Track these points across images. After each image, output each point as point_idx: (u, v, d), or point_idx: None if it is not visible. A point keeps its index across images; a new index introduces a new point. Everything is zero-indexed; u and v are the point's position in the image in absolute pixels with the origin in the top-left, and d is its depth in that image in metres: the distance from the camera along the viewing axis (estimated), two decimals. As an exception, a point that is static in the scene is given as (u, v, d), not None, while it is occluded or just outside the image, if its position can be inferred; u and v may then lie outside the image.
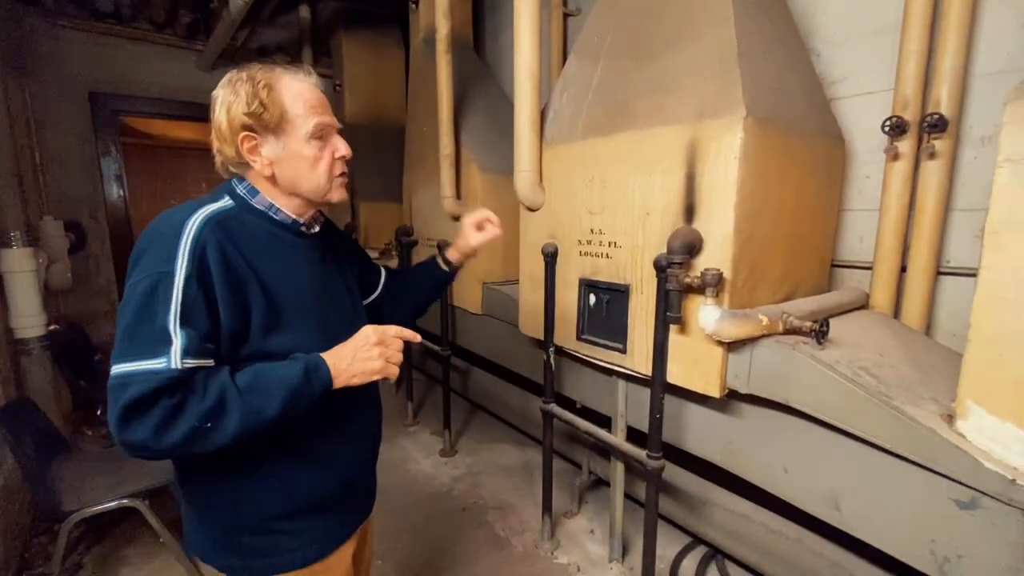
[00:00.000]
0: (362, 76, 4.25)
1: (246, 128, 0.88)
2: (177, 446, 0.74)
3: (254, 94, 0.87)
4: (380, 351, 0.88)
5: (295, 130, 0.90)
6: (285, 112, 0.89)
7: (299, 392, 0.82)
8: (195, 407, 0.75)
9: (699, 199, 1.49)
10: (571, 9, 2.98)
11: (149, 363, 0.74)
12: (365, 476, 1.12)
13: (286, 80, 0.90)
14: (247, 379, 0.80)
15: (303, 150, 0.91)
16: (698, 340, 1.52)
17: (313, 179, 0.93)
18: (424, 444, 3.12)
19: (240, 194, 0.93)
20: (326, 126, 0.93)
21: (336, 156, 0.95)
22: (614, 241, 1.72)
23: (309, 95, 0.92)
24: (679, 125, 1.52)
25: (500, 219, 2.79)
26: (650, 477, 1.65)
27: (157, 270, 0.78)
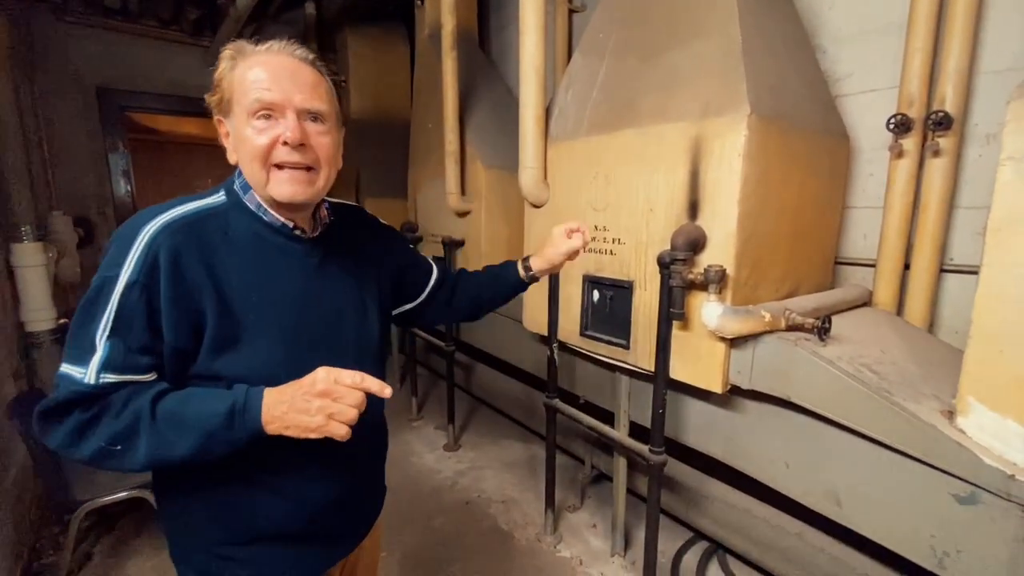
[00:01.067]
0: (367, 72, 4.26)
1: (216, 111, 0.81)
2: (90, 460, 0.71)
3: (217, 73, 0.78)
4: (321, 405, 0.69)
5: (240, 107, 0.77)
6: (232, 89, 0.77)
7: (215, 436, 0.70)
8: (107, 427, 0.70)
9: (703, 196, 1.49)
10: (576, 5, 2.98)
11: (74, 369, 0.70)
12: (352, 505, 0.97)
13: (249, 55, 0.78)
14: (169, 407, 0.71)
15: (241, 130, 0.77)
16: (701, 336, 1.54)
17: (249, 165, 0.79)
18: (428, 439, 3.14)
19: (235, 188, 0.83)
20: (271, 103, 0.75)
21: (280, 140, 0.76)
22: (618, 238, 1.73)
23: (265, 68, 0.76)
24: (683, 122, 1.52)
25: (506, 214, 2.81)
26: (652, 472, 1.67)
27: (104, 273, 0.73)
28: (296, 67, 0.78)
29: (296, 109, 0.77)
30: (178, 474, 0.84)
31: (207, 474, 0.81)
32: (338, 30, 4.29)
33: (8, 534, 1.86)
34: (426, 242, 3.27)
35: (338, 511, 0.93)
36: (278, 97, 0.76)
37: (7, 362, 2.19)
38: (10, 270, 2.42)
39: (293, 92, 0.77)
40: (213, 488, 0.83)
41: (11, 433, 1.95)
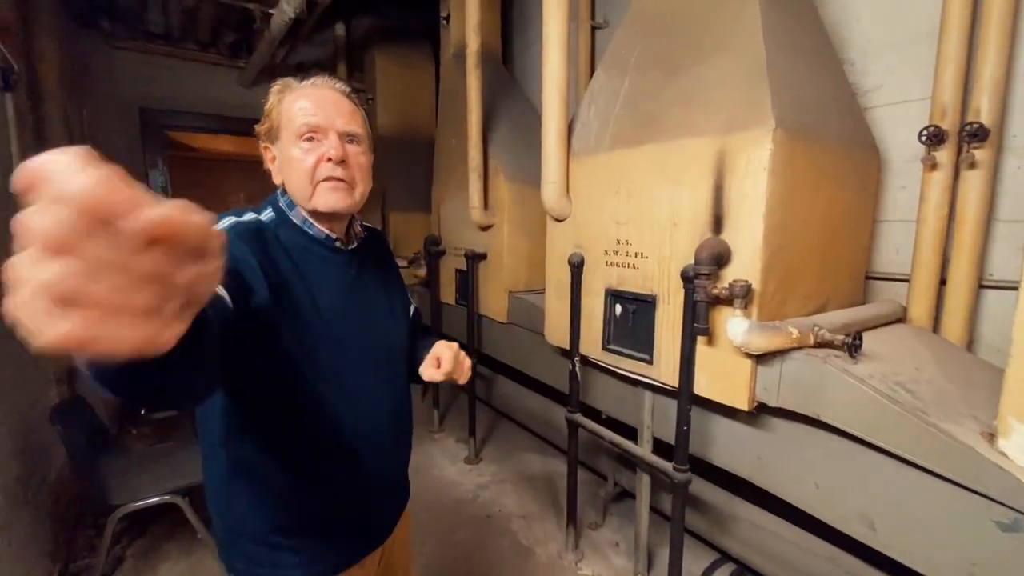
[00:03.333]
0: (393, 90, 4.38)
1: (263, 138, 0.93)
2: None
3: (267, 105, 0.90)
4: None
5: (287, 132, 0.88)
6: (280, 117, 0.88)
7: None
8: None
9: (727, 210, 1.48)
10: (599, 22, 3.02)
11: None
12: (379, 502, 1.05)
13: (295, 89, 0.89)
14: None
15: (289, 151, 0.88)
16: (726, 352, 1.51)
17: (296, 182, 0.88)
18: (450, 451, 3.15)
19: (281, 206, 0.92)
20: (316, 126, 0.86)
21: (324, 158, 0.87)
22: (641, 252, 1.72)
23: (311, 98, 0.88)
24: (707, 137, 1.52)
25: (528, 228, 2.82)
26: (676, 490, 1.64)
27: None
28: (337, 98, 0.90)
29: (338, 132, 0.88)
30: (228, 466, 0.90)
31: (257, 466, 0.88)
32: (366, 50, 4.42)
33: (47, 536, 1.93)
34: (449, 255, 3.31)
35: (374, 499, 1.02)
36: (323, 121, 0.87)
37: (50, 369, 2.29)
38: (56, 281, 2.54)
39: (335, 117, 0.88)
40: (261, 479, 0.90)
41: (53, 437, 2.03)
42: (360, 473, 0.97)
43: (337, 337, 0.91)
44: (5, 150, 2.00)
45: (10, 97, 2.05)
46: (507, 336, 2.88)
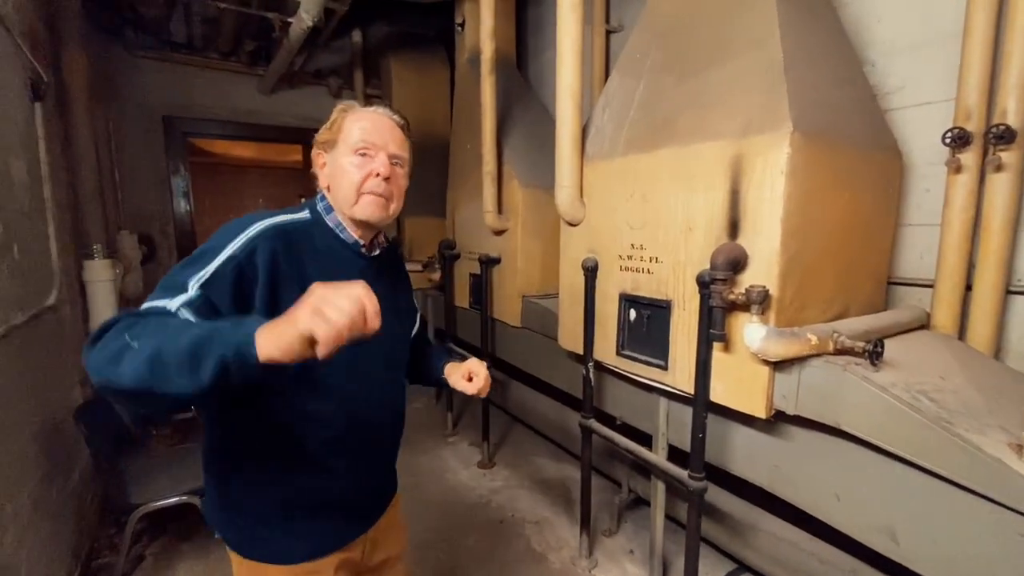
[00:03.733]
0: (409, 96, 4.41)
1: (319, 146, 1.03)
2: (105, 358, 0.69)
3: (331, 119, 1.01)
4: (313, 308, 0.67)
5: (344, 145, 0.98)
6: (341, 130, 0.99)
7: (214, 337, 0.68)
8: (139, 326, 0.72)
9: (744, 215, 1.46)
10: (613, 26, 3.01)
11: (159, 301, 0.80)
12: (368, 488, 1.12)
13: (359, 111, 1.01)
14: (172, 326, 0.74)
15: (342, 161, 0.98)
16: (743, 359, 1.49)
17: (343, 189, 0.98)
18: (463, 455, 3.15)
19: (318, 209, 1.02)
20: (372, 145, 0.97)
21: (373, 173, 0.97)
22: (655, 256, 1.71)
23: (369, 121, 0.99)
24: (723, 140, 1.50)
25: (542, 232, 2.82)
26: (692, 498, 1.61)
27: (210, 244, 0.87)
28: (392, 125, 1.01)
29: (388, 153, 0.99)
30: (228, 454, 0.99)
31: (256, 452, 0.97)
32: (382, 56, 4.47)
33: (71, 534, 1.98)
34: (463, 259, 3.32)
35: (367, 488, 1.11)
36: (377, 140, 0.98)
37: (75, 370, 2.35)
38: (82, 285, 2.61)
39: (388, 140, 0.99)
40: (260, 463, 0.98)
41: (77, 437, 2.08)
42: (357, 464, 1.06)
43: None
44: (34, 158, 2.06)
45: (39, 107, 2.11)
46: (520, 340, 2.87)
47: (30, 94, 2.08)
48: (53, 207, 2.15)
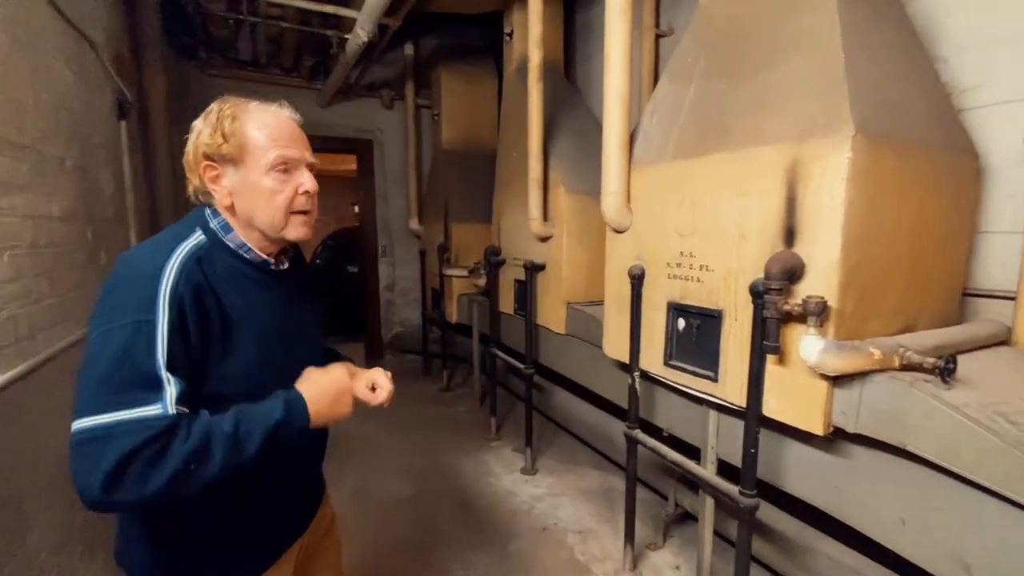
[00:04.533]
0: (457, 105, 4.51)
1: (207, 157, 0.87)
2: (160, 492, 0.70)
3: (217, 124, 0.86)
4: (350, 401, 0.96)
5: (255, 161, 0.87)
6: (246, 143, 0.86)
7: (279, 428, 0.82)
8: (178, 449, 0.72)
9: (801, 222, 1.41)
10: (663, 30, 2.97)
11: (137, 411, 0.70)
12: (299, 498, 1.09)
13: (253, 112, 0.89)
14: (231, 418, 0.78)
15: (261, 181, 0.87)
16: (799, 372, 1.43)
17: (268, 212, 0.89)
18: (506, 460, 3.16)
19: (213, 229, 0.90)
20: (290, 159, 0.89)
21: (300, 191, 0.90)
22: (706, 264, 1.67)
23: (276, 127, 0.89)
24: (779, 145, 1.45)
25: (588, 239, 2.81)
26: (743, 516, 1.55)
27: (136, 319, 0.75)
28: (299, 129, 0.94)
29: (307, 164, 0.92)
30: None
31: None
32: (432, 67, 4.60)
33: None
34: (508, 266, 3.35)
35: (292, 500, 1.06)
36: (296, 154, 0.90)
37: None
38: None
39: (303, 150, 0.92)
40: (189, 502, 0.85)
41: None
42: (280, 477, 0.99)
43: (269, 356, 0.91)
44: (119, 171, 2.25)
45: (124, 124, 2.31)
46: (565, 347, 2.86)
47: (116, 113, 2.29)
48: (134, 214, 2.34)
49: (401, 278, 5.44)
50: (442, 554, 2.27)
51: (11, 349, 1.25)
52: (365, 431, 3.52)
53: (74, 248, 1.67)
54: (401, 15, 3.17)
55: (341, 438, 1.26)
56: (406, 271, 5.42)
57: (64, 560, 1.42)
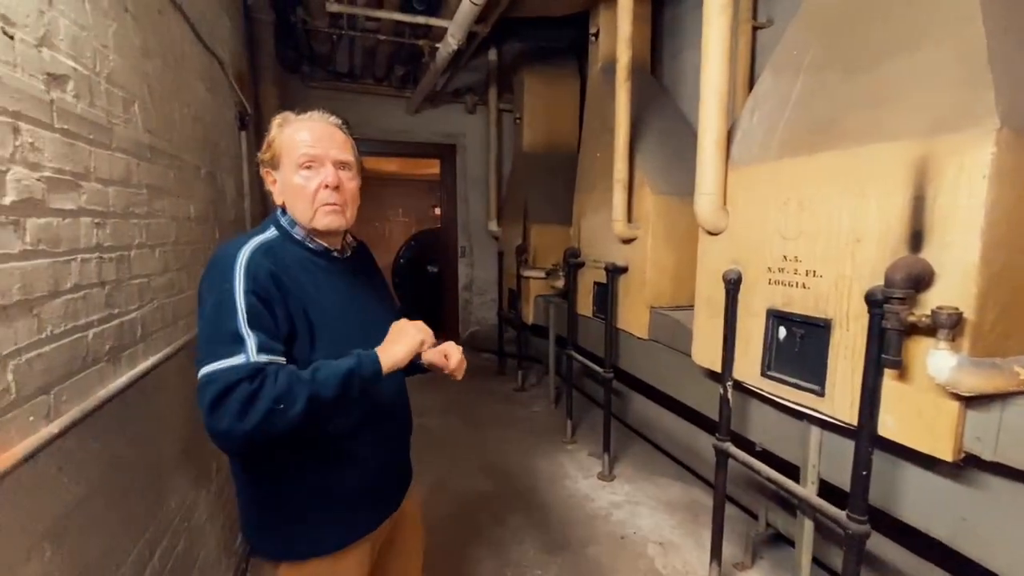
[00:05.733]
0: (539, 108, 4.55)
1: (265, 165, 1.04)
2: (257, 428, 0.81)
3: (269, 136, 1.02)
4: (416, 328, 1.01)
5: (289, 161, 0.99)
6: (281, 147, 1.00)
7: (353, 374, 0.90)
8: (269, 391, 0.82)
9: (930, 224, 1.27)
10: (761, 22, 2.81)
11: (229, 361, 0.83)
12: (392, 476, 1.18)
13: (294, 120, 1.02)
14: (311, 368, 0.89)
15: (291, 179, 0.99)
16: (923, 390, 1.29)
17: (299, 206, 1.00)
18: (581, 464, 3.13)
19: (283, 225, 1.04)
20: (314, 156, 0.98)
21: (322, 185, 0.99)
22: (813, 270, 1.56)
23: (309, 131, 1.00)
24: (904, 141, 1.33)
25: (674, 242, 2.73)
26: (850, 543, 1.43)
27: (220, 288, 0.89)
28: (332, 130, 1.02)
29: (332, 161, 1.00)
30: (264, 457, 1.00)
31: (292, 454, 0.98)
32: (515, 71, 4.67)
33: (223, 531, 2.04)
34: (588, 268, 3.32)
35: (388, 476, 1.16)
36: (320, 152, 0.99)
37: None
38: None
39: (330, 148, 1.00)
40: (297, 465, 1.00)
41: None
42: (378, 451, 1.10)
43: (345, 335, 1.01)
44: (239, 178, 2.50)
45: (243, 135, 2.56)
46: (646, 353, 2.79)
47: (238, 124, 2.53)
48: (249, 218, 2.58)
49: (478, 278, 5.57)
50: (519, 552, 2.29)
51: (160, 334, 1.43)
52: (444, 424, 3.64)
53: (205, 246, 1.88)
54: (490, 22, 3.25)
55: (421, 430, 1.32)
56: (483, 272, 5.54)
57: (194, 524, 1.59)
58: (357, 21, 3.62)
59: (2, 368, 0.81)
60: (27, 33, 0.90)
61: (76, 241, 1.04)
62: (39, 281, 0.91)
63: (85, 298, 1.06)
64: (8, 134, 0.84)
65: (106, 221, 1.16)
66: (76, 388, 1.01)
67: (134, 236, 1.30)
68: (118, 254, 1.21)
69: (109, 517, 1.11)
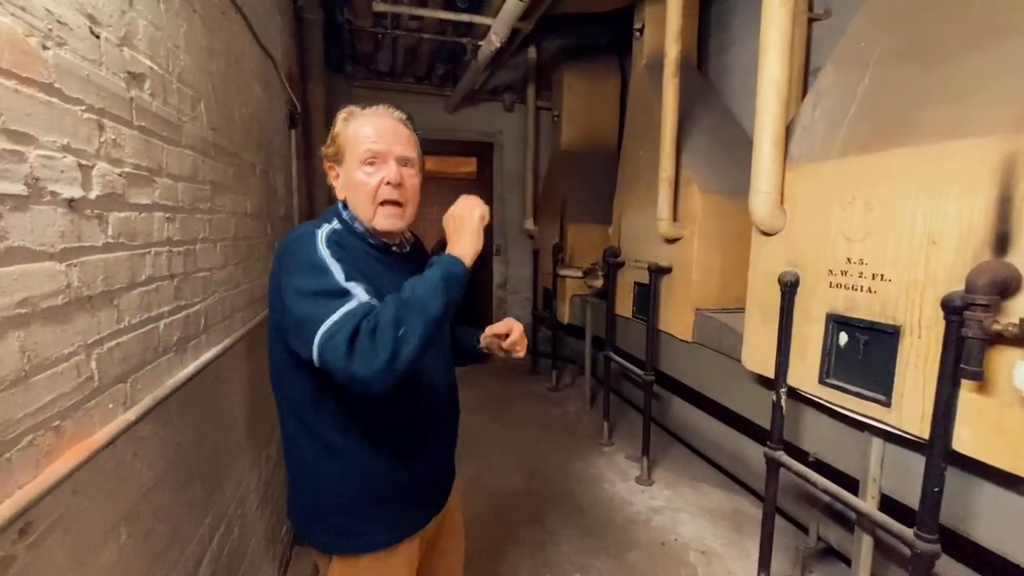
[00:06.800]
0: (578, 105, 4.50)
1: (329, 159, 1.03)
2: (389, 356, 0.79)
3: (333, 129, 1.01)
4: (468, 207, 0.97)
5: (352, 157, 0.99)
6: (345, 143, 0.99)
7: (447, 280, 0.87)
8: (384, 320, 0.81)
9: (1018, 226, 1.19)
10: (818, 13, 2.70)
11: (343, 309, 0.83)
12: (441, 473, 1.18)
13: (359, 114, 1.00)
14: (407, 288, 0.86)
15: (353, 175, 0.99)
16: (1006, 404, 1.21)
17: (360, 202, 0.99)
18: (619, 467, 3.09)
19: (344, 218, 1.03)
20: (377, 152, 0.97)
21: (383, 181, 0.98)
22: (880, 273, 1.48)
23: (373, 127, 0.99)
24: (988, 138, 1.24)
25: (721, 242, 2.66)
26: (918, 564, 1.35)
27: (309, 258, 0.90)
28: (395, 125, 1.01)
29: (395, 157, 0.99)
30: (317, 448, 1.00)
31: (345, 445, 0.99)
32: (554, 69, 4.64)
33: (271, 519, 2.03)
34: (628, 268, 3.27)
35: (438, 471, 1.16)
36: (383, 148, 0.98)
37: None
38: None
39: (393, 144, 0.99)
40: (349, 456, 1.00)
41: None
42: (432, 448, 1.11)
43: None
44: (289, 175, 2.56)
45: (293, 133, 2.61)
46: (689, 356, 2.72)
47: (288, 122, 2.59)
48: (298, 214, 2.64)
49: (513, 277, 5.57)
50: (557, 554, 2.27)
51: (220, 326, 1.47)
52: (478, 422, 3.65)
53: (259, 242, 1.93)
54: (534, 19, 3.23)
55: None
56: (518, 270, 5.53)
57: (246, 512, 1.64)
58: (401, 20, 3.66)
59: (87, 357, 0.84)
60: (111, 33, 0.94)
61: (150, 235, 1.07)
62: (119, 273, 0.94)
63: (157, 290, 1.09)
64: (95, 131, 0.87)
65: (176, 216, 1.20)
66: (149, 377, 1.05)
67: (199, 231, 1.34)
68: (185, 248, 1.25)
69: (176, 502, 1.14)
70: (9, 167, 0.68)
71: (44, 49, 0.75)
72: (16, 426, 0.69)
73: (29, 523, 0.69)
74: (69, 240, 0.80)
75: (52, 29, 0.77)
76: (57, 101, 0.78)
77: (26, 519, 0.68)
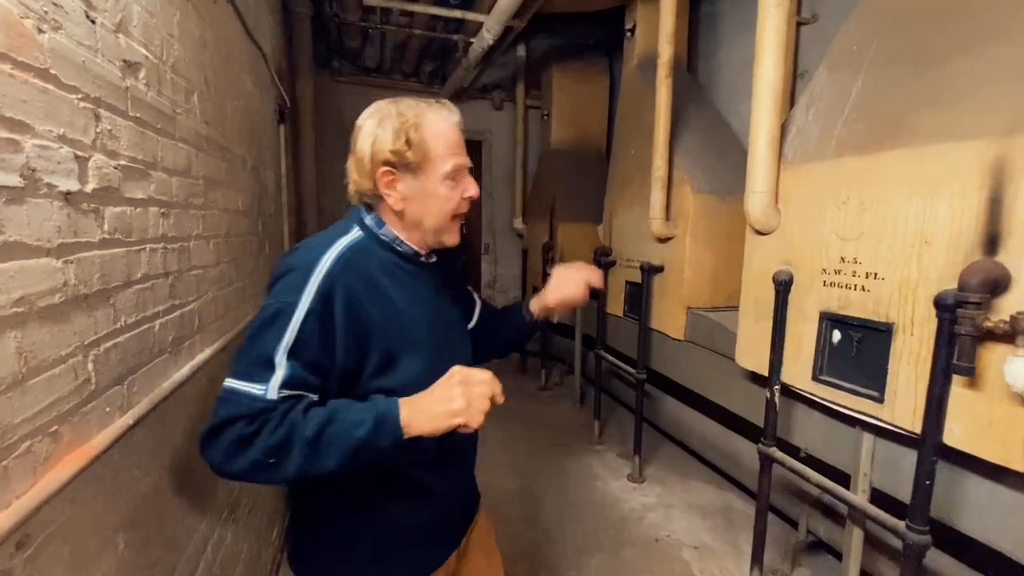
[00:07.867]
0: (568, 104, 4.51)
1: (387, 164, 0.87)
2: (240, 473, 0.74)
3: (402, 131, 0.86)
4: (462, 391, 0.78)
5: (434, 169, 0.88)
6: (428, 152, 0.87)
7: (360, 449, 0.75)
8: (263, 440, 0.73)
9: (1008, 227, 1.22)
10: (805, 17, 2.75)
11: (251, 386, 0.75)
12: (463, 507, 1.10)
13: (431, 118, 0.88)
14: (317, 423, 0.75)
15: (437, 189, 0.89)
16: (996, 399, 1.25)
17: (438, 218, 0.91)
18: (610, 465, 3.10)
19: (368, 225, 0.93)
20: (461, 167, 0.91)
21: (464, 196, 0.92)
22: (874, 272, 1.51)
23: (450, 135, 0.90)
24: (978, 140, 1.28)
25: (713, 241, 2.68)
26: (910, 555, 1.39)
27: (284, 299, 0.79)
28: (461, 132, 0.93)
29: (469, 167, 0.94)
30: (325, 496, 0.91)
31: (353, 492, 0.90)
32: (544, 68, 4.64)
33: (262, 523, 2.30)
34: (619, 267, 3.28)
35: (454, 506, 1.05)
36: (463, 161, 0.92)
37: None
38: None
39: (466, 155, 0.93)
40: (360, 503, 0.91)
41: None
42: (448, 480, 1.00)
43: (425, 345, 0.92)
44: (278, 170, 2.51)
45: (282, 128, 2.56)
46: (682, 355, 2.75)
47: (277, 118, 2.54)
48: (287, 210, 2.59)
49: (501, 276, 5.56)
50: (553, 553, 2.27)
51: (214, 326, 1.43)
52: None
53: (250, 239, 1.88)
54: (527, 16, 3.22)
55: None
56: (507, 269, 5.52)
57: (238, 516, 1.60)
58: (391, 15, 3.62)
59: (84, 358, 0.81)
60: (106, 18, 0.90)
61: (145, 231, 1.03)
62: (115, 271, 0.91)
63: (152, 288, 1.06)
64: (91, 120, 0.84)
65: (170, 211, 1.16)
66: (145, 379, 1.01)
67: (192, 227, 1.30)
68: (179, 245, 1.21)
69: (172, 508, 1.11)
70: (5, 157, 0.65)
71: (40, 32, 0.72)
72: (13, 432, 0.65)
73: (27, 535, 0.66)
74: (66, 235, 0.77)
75: (48, 12, 0.74)
76: (53, 88, 0.74)
77: (24, 531, 0.65)
